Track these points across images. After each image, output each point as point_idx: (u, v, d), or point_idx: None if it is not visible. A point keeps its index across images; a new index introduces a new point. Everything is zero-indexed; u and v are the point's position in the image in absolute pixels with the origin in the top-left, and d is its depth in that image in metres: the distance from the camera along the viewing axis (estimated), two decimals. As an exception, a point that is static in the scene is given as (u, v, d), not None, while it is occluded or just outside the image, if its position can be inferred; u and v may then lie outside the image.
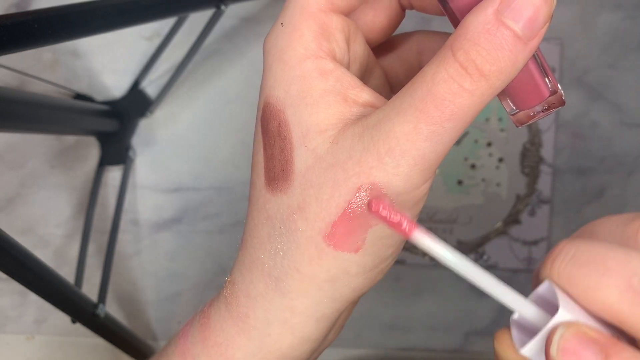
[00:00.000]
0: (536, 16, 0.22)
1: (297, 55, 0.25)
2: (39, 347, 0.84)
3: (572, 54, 0.76)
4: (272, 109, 0.26)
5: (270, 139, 0.26)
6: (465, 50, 0.22)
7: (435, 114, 0.22)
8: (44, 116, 0.60)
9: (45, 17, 0.47)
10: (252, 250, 0.27)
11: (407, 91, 0.23)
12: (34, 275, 0.56)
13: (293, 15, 0.25)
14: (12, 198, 0.81)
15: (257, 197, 0.27)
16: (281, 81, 0.26)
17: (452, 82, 0.22)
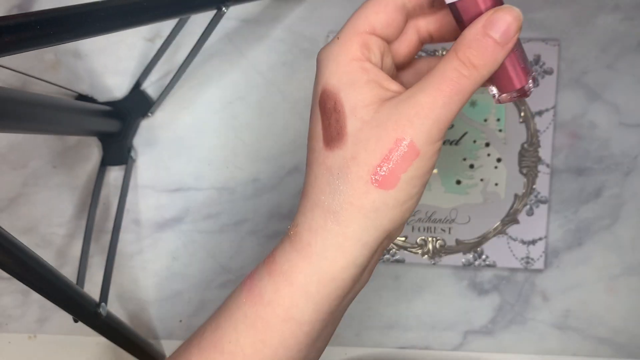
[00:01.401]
0: (509, 29, 0.34)
1: (347, 58, 0.37)
2: (41, 346, 0.85)
3: (570, 54, 0.76)
4: (329, 92, 0.37)
5: (327, 113, 0.37)
6: (463, 51, 0.35)
7: (447, 90, 0.35)
8: (46, 117, 0.60)
9: (47, 18, 0.47)
10: (314, 196, 0.37)
11: (427, 77, 0.35)
12: (36, 275, 0.56)
13: (347, 33, 0.37)
14: (14, 198, 0.81)
15: (316, 157, 0.38)
16: (335, 74, 0.37)
17: (456, 71, 0.35)
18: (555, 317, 0.80)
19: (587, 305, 0.80)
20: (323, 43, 0.77)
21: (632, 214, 0.78)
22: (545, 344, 0.81)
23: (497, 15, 0.34)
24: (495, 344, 0.81)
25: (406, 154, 0.35)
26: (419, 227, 0.77)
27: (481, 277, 0.80)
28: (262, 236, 0.80)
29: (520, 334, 0.81)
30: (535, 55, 0.75)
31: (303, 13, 0.77)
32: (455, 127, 0.76)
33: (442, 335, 0.81)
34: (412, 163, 0.35)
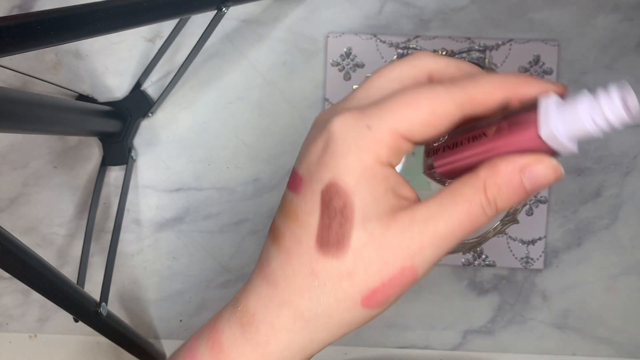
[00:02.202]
0: (543, 184, 0.31)
1: (372, 159, 0.32)
2: (41, 345, 0.85)
3: (570, 55, 0.76)
4: (340, 190, 0.32)
5: (331, 212, 0.32)
6: (492, 191, 0.31)
7: (467, 225, 0.31)
8: (47, 117, 0.60)
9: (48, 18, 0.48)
10: (286, 293, 0.33)
11: (449, 203, 0.32)
12: (37, 274, 0.56)
13: (381, 128, 0.32)
14: (15, 198, 0.81)
15: (302, 253, 0.33)
16: (354, 173, 0.32)
17: (481, 208, 0.31)
18: (554, 316, 0.80)
19: (587, 305, 0.80)
20: (323, 43, 0.77)
21: (631, 214, 0.78)
22: (544, 344, 0.81)
23: (540, 168, 0.31)
24: (495, 344, 0.81)
25: (406, 279, 0.32)
26: (419, 227, 0.77)
27: (481, 276, 0.80)
28: (262, 236, 0.80)
29: (519, 333, 0.81)
30: (535, 56, 0.75)
31: (303, 13, 0.77)
32: (455, 127, 0.76)
33: (441, 334, 0.81)
34: (407, 287, 0.33)
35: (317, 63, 0.78)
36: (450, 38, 0.75)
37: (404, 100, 0.32)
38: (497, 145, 0.32)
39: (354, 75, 0.76)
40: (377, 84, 0.34)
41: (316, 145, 0.33)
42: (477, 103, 0.32)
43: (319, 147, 0.33)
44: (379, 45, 0.75)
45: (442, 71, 0.35)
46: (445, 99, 0.31)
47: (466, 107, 0.31)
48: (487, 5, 0.76)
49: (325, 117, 0.34)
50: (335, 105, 0.35)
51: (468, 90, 0.32)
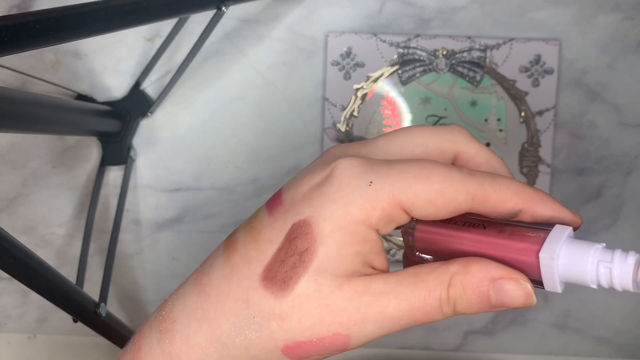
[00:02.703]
0: (509, 305, 0.30)
1: (360, 217, 0.30)
2: (40, 346, 0.85)
3: (571, 54, 0.76)
4: (310, 232, 0.30)
5: (290, 249, 0.30)
6: (455, 289, 0.30)
7: (417, 314, 0.30)
8: (46, 116, 0.60)
9: (47, 18, 0.47)
10: (212, 310, 0.31)
11: (411, 284, 0.30)
12: (36, 275, 0.56)
13: (382, 190, 0.30)
14: (14, 198, 0.81)
15: (245, 277, 0.31)
16: (334, 222, 0.30)
17: (438, 303, 0.30)
18: (555, 317, 0.80)
19: (588, 306, 0.80)
20: (323, 42, 0.77)
21: (632, 214, 0.78)
22: (545, 344, 0.81)
23: (512, 287, 0.30)
24: (496, 344, 0.81)
25: (336, 345, 0.30)
26: (419, 227, 0.77)
27: (481, 277, 0.80)
28: (262, 236, 0.80)
29: (520, 334, 0.81)
30: (536, 55, 0.75)
31: (303, 13, 0.77)
32: (456, 127, 0.76)
33: (442, 335, 0.81)
34: (334, 353, 0.31)
35: (317, 62, 0.77)
36: (451, 37, 0.75)
37: (416, 170, 0.30)
38: (489, 243, 0.31)
39: (354, 74, 0.76)
40: (401, 141, 0.33)
41: (312, 178, 0.31)
42: (489, 203, 0.30)
43: (314, 180, 0.31)
44: (379, 45, 0.75)
45: (470, 156, 0.33)
46: (459, 186, 0.30)
47: (477, 202, 0.30)
48: (487, 5, 0.76)
49: (336, 153, 0.32)
50: (352, 145, 0.33)
51: (484, 187, 0.30)
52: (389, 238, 0.77)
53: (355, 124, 0.76)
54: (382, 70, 0.75)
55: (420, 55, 0.75)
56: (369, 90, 0.76)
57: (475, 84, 0.75)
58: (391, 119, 0.76)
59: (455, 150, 0.33)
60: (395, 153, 0.33)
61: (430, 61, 0.75)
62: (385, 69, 0.75)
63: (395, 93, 0.76)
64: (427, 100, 0.76)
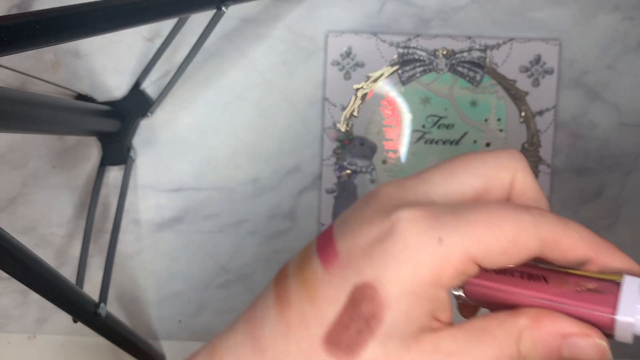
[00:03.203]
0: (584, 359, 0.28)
1: (430, 279, 0.27)
2: (40, 346, 0.84)
3: (571, 54, 0.76)
4: (376, 297, 0.28)
5: (355, 314, 0.28)
6: (526, 345, 0.28)
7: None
8: (46, 116, 0.60)
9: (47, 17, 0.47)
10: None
11: (480, 340, 0.28)
12: (36, 275, 0.56)
13: (454, 247, 0.27)
14: (14, 198, 0.81)
15: (304, 337, 0.29)
16: (401, 286, 0.28)
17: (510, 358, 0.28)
18: (555, 317, 0.80)
19: (588, 306, 0.80)
20: (323, 42, 0.77)
21: (632, 214, 0.78)
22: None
23: (585, 344, 0.28)
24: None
25: None
26: (419, 227, 0.77)
27: (481, 277, 0.80)
28: (262, 236, 0.80)
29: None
30: (536, 55, 0.75)
31: (303, 12, 0.77)
32: (456, 127, 0.76)
33: (442, 335, 0.81)
34: None
35: (317, 62, 0.77)
36: (451, 37, 0.75)
37: (486, 218, 0.28)
38: (554, 299, 0.28)
39: (354, 74, 0.76)
40: (460, 175, 0.30)
41: (371, 229, 0.29)
42: (559, 249, 0.28)
43: (374, 233, 0.28)
44: (379, 45, 0.75)
45: (523, 190, 0.31)
46: (531, 232, 0.28)
47: (547, 248, 0.28)
48: (487, 5, 0.76)
49: (392, 198, 0.30)
50: (406, 183, 0.31)
51: (556, 231, 0.28)
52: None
53: (355, 124, 0.76)
54: (382, 70, 0.75)
55: (420, 55, 0.75)
56: (369, 90, 0.76)
57: (476, 84, 0.75)
58: (391, 118, 0.76)
59: (513, 176, 0.31)
60: (456, 190, 0.30)
61: (430, 61, 0.75)
62: (385, 69, 0.75)
63: (396, 93, 0.76)
64: (427, 100, 0.76)
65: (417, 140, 0.76)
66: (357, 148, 0.77)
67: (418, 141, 0.76)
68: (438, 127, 0.76)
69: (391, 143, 0.76)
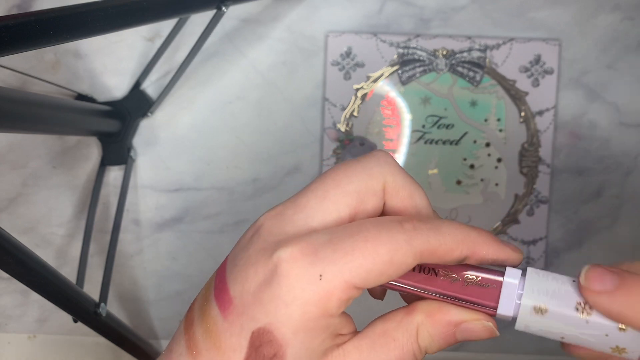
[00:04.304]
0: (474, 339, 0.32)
1: (318, 313, 0.29)
2: (40, 346, 0.85)
3: (571, 54, 0.76)
4: (274, 339, 0.29)
5: (258, 357, 0.30)
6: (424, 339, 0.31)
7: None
8: (46, 116, 0.60)
9: (47, 18, 0.47)
10: None
11: (383, 346, 0.31)
12: (36, 275, 0.56)
13: (334, 281, 0.29)
14: (14, 198, 0.81)
15: None
16: (294, 325, 0.29)
17: (412, 354, 0.31)
18: (555, 317, 0.80)
19: (588, 305, 0.80)
20: (323, 42, 0.77)
21: (632, 214, 0.78)
22: (545, 344, 0.81)
23: (475, 327, 0.32)
24: (496, 344, 0.81)
25: None
26: (419, 227, 0.77)
27: (481, 277, 0.80)
28: (262, 236, 0.80)
29: (521, 334, 0.81)
30: (536, 55, 0.75)
31: (303, 13, 0.77)
32: (456, 127, 0.76)
33: (442, 335, 0.81)
34: None
35: (317, 62, 0.77)
36: (451, 37, 0.75)
37: (361, 245, 0.29)
38: (446, 292, 0.32)
39: (354, 74, 0.76)
40: (333, 196, 0.32)
41: (257, 271, 0.30)
42: (436, 256, 0.31)
43: (260, 275, 0.30)
44: (379, 45, 0.75)
45: (396, 190, 0.33)
46: (406, 250, 0.30)
47: (424, 258, 0.30)
48: (487, 5, 0.76)
49: (272, 232, 0.32)
50: (284, 213, 0.33)
51: (430, 242, 0.30)
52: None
53: (355, 124, 0.77)
54: (382, 70, 0.75)
55: (420, 55, 0.75)
56: (369, 90, 0.76)
57: (475, 84, 0.75)
58: (391, 118, 0.76)
59: (384, 181, 0.33)
60: (332, 212, 0.32)
61: (430, 61, 0.75)
62: (385, 69, 0.75)
63: (395, 93, 0.76)
64: (427, 100, 0.76)
65: (417, 141, 0.76)
66: (357, 148, 0.77)
67: (418, 141, 0.76)
68: (438, 127, 0.76)
69: (391, 143, 0.76)
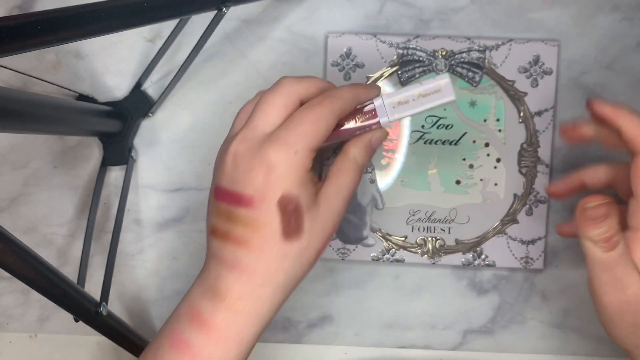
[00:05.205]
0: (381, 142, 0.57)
1: (304, 171, 0.48)
2: (41, 345, 0.85)
3: (569, 55, 0.77)
4: (291, 198, 0.48)
5: (288, 214, 0.48)
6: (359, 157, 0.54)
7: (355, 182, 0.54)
8: (47, 117, 0.61)
9: (48, 18, 0.48)
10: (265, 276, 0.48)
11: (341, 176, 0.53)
12: (37, 274, 0.57)
13: (304, 149, 0.48)
14: (15, 198, 0.82)
15: (272, 247, 0.48)
16: (296, 184, 0.48)
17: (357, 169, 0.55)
18: (554, 316, 0.81)
19: (587, 305, 0.80)
20: (323, 43, 0.77)
21: (631, 214, 0.78)
22: (544, 343, 0.81)
23: (378, 136, 0.55)
24: (495, 344, 0.81)
25: (331, 234, 0.51)
26: (419, 227, 0.77)
27: (481, 276, 0.80)
28: (262, 236, 0.80)
29: (519, 333, 0.81)
30: (535, 56, 0.75)
31: (303, 13, 0.77)
32: (455, 127, 0.76)
33: (441, 334, 0.81)
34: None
35: (317, 63, 0.78)
36: (450, 38, 0.75)
37: (310, 125, 0.48)
38: (358, 126, 0.53)
39: (354, 75, 0.76)
40: (273, 111, 0.50)
41: (257, 172, 0.47)
42: (344, 111, 0.51)
43: (261, 173, 0.47)
44: (379, 46, 0.75)
45: (308, 92, 0.51)
46: (330, 116, 0.49)
47: (340, 115, 0.51)
48: (487, 6, 0.76)
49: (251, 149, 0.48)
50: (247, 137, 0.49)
51: (340, 105, 0.50)
52: (389, 238, 0.77)
53: (355, 124, 0.76)
54: (382, 71, 0.76)
55: (419, 56, 0.75)
56: (369, 91, 0.76)
57: (475, 85, 0.76)
58: (391, 119, 0.76)
59: (298, 94, 0.52)
60: (278, 122, 0.49)
61: (429, 62, 0.75)
62: (385, 69, 0.75)
63: (395, 93, 0.76)
64: (426, 100, 0.76)
65: (417, 141, 0.76)
66: (357, 148, 0.77)
67: (417, 141, 0.76)
68: (437, 127, 0.76)
69: (391, 143, 0.76)
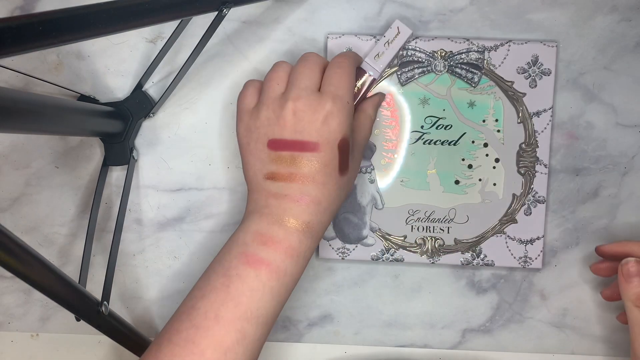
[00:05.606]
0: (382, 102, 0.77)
1: (352, 118, 0.63)
2: (43, 344, 0.85)
3: (568, 55, 0.77)
4: (347, 141, 0.61)
5: (344, 153, 0.61)
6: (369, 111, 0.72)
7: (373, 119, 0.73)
8: (49, 117, 0.61)
9: (50, 19, 0.48)
10: (327, 204, 0.61)
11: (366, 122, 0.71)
12: (39, 274, 0.57)
13: (352, 102, 0.63)
14: (17, 197, 0.82)
15: (332, 181, 0.61)
16: (349, 128, 0.62)
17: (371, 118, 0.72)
18: (553, 315, 0.81)
19: (585, 304, 0.81)
20: (323, 44, 0.77)
21: (629, 214, 0.79)
22: (543, 343, 0.81)
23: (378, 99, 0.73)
24: (494, 343, 0.82)
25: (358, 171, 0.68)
26: (418, 227, 0.78)
27: (479, 276, 0.80)
28: (263, 236, 0.80)
29: (518, 332, 0.81)
30: (534, 56, 0.76)
31: (303, 14, 0.78)
32: (454, 127, 0.76)
33: (440, 333, 0.82)
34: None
35: (317, 64, 0.78)
36: (449, 39, 0.76)
37: (347, 81, 0.62)
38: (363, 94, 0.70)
39: (354, 76, 0.76)
40: (313, 75, 0.63)
41: (321, 122, 0.59)
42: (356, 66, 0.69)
43: (325, 123, 0.59)
44: (378, 46, 0.76)
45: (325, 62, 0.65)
46: (353, 72, 0.65)
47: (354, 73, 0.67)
48: (486, 7, 0.76)
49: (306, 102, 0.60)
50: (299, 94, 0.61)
51: (353, 62, 0.67)
52: (388, 237, 0.78)
53: (354, 125, 0.77)
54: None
55: (419, 56, 0.76)
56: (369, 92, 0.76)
57: (474, 85, 0.76)
58: (390, 119, 0.76)
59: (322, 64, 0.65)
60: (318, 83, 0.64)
61: (428, 62, 0.76)
62: (385, 70, 0.76)
63: (395, 94, 0.76)
64: (425, 100, 0.76)
65: (416, 141, 0.77)
66: (357, 148, 0.77)
67: (417, 141, 0.77)
68: (437, 128, 0.76)
69: (390, 143, 0.77)
